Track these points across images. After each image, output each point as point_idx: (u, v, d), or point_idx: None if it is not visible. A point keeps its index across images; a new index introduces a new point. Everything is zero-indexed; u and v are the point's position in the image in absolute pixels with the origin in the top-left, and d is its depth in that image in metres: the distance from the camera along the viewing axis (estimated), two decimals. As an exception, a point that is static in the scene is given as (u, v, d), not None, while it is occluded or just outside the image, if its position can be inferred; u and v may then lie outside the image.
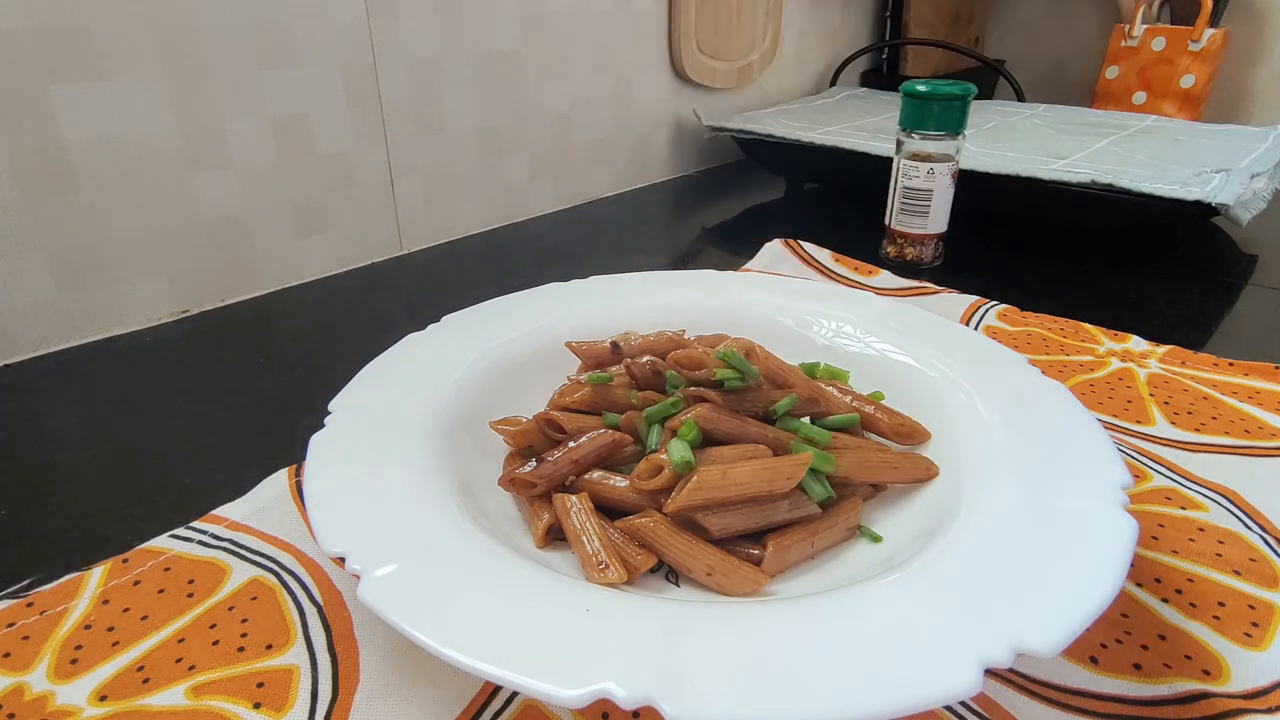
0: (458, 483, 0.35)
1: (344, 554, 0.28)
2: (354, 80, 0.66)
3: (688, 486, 0.32)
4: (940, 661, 0.24)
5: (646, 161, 0.99)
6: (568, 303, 0.50)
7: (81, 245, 0.54)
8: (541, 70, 0.81)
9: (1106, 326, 0.55)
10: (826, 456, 0.35)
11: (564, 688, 0.23)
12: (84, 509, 0.39)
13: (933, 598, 0.27)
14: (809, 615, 0.27)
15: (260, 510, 0.37)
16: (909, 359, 0.45)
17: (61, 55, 0.51)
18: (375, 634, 0.31)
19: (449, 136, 0.75)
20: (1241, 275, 0.68)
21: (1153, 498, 0.39)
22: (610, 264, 0.70)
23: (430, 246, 0.76)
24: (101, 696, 0.28)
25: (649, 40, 0.93)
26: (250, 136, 0.61)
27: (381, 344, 0.43)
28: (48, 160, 0.52)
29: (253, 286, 0.65)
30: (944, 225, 0.68)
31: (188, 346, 0.56)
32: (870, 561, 0.33)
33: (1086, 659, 0.30)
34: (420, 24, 0.69)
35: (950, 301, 0.60)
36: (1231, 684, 0.29)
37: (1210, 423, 0.45)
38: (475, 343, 0.45)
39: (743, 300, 0.51)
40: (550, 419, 0.39)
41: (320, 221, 0.67)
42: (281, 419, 0.46)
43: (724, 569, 0.31)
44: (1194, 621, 0.31)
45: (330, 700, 0.28)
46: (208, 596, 0.33)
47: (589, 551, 0.32)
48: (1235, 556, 0.35)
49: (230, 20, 0.57)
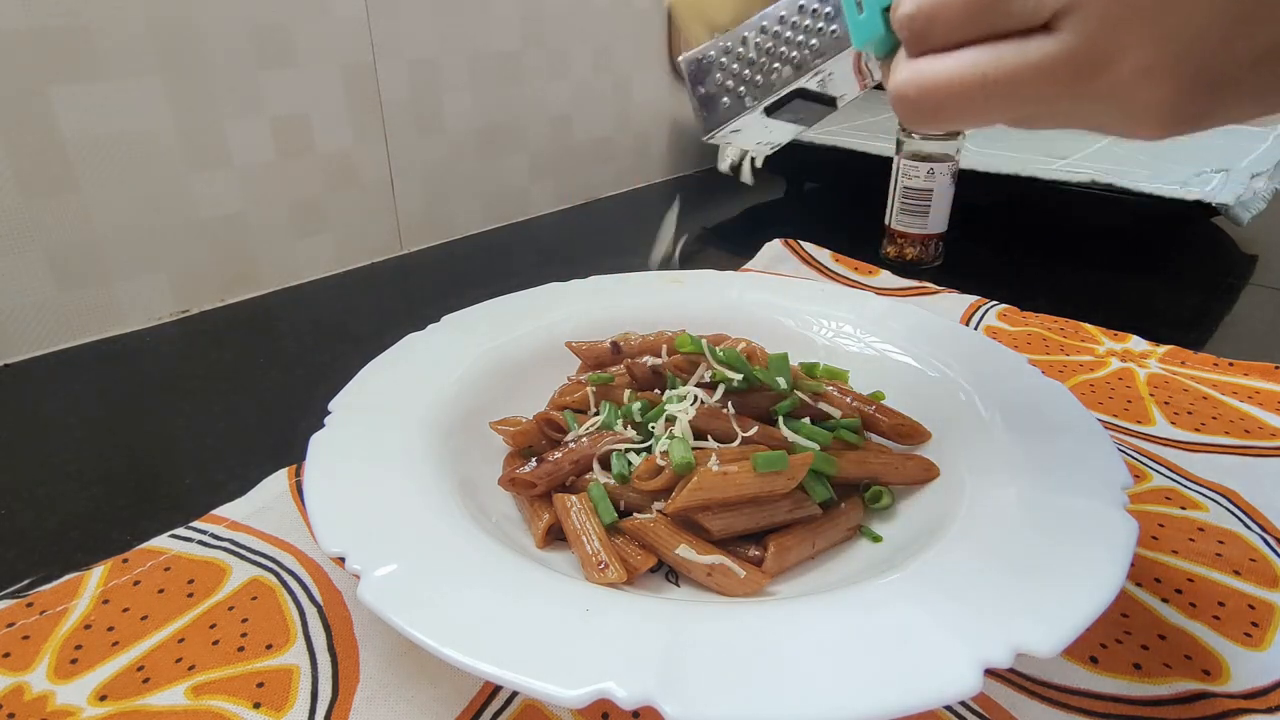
0: (458, 483, 0.35)
1: (344, 554, 0.28)
2: (354, 80, 0.66)
3: (688, 487, 0.32)
4: (940, 661, 0.24)
5: (646, 161, 0.99)
6: (568, 303, 0.50)
7: (81, 245, 0.54)
8: (541, 70, 0.81)
9: (1106, 326, 0.55)
10: (828, 457, 0.35)
11: (564, 688, 0.23)
12: (84, 509, 0.39)
13: (933, 598, 0.27)
14: (809, 615, 0.27)
15: (260, 510, 0.37)
16: (909, 359, 0.45)
17: (61, 55, 0.51)
18: (375, 634, 0.31)
19: (449, 136, 0.75)
20: (1241, 275, 0.68)
21: (1153, 498, 0.39)
22: (610, 264, 0.70)
23: (430, 246, 0.76)
24: (101, 696, 0.28)
25: (649, 40, 0.93)
26: (250, 136, 0.61)
27: (381, 344, 0.43)
28: (48, 160, 0.52)
29: (253, 286, 0.65)
30: (944, 225, 0.68)
31: (188, 346, 0.56)
32: (870, 561, 0.33)
33: (1086, 659, 0.30)
34: (420, 24, 0.69)
35: (950, 301, 0.60)
36: (1231, 684, 0.29)
37: (1210, 423, 0.45)
38: (475, 343, 0.45)
39: (743, 300, 0.51)
40: (550, 419, 0.39)
41: (320, 221, 0.67)
42: (281, 419, 0.46)
43: (724, 569, 0.31)
44: (1194, 621, 0.31)
45: (330, 700, 0.28)
46: (208, 596, 0.33)
47: (589, 551, 0.32)
48: (1235, 556, 0.35)
49: (230, 20, 0.57)
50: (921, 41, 0.25)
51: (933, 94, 0.25)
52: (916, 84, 0.25)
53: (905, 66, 0.26)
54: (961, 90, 0.24)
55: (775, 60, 0.31)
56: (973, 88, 0.24)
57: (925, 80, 0.25)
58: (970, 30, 0.24)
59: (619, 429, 0.36)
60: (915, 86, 0.25)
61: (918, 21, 0.25)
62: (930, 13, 0.24)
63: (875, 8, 0.28)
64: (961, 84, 0.24)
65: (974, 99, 0.24)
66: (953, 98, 0.24)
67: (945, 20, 0.24)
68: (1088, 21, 0.22)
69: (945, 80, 0.24)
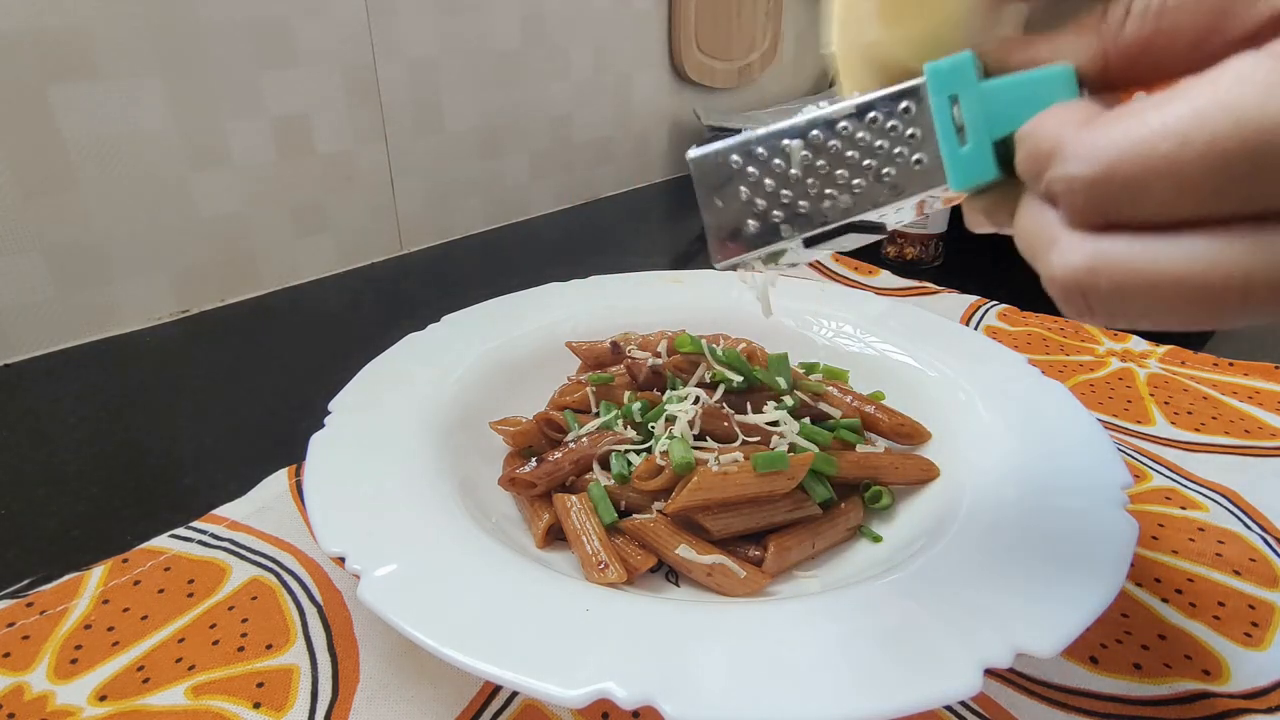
0: (458, 483, 0.35)
1: (344, 554, 0.28)
2: (354, 80, 0.66)
3: (688, 487, 0.32)
4: (940, 661, 0.24)
5: (646, 161, 0.99)
6: (568, 303, 0.50)
7: (81, 245, 0.54)
8: (541, 70, 0.81)
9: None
10: (828, 458, 0.35)
11: (564, 688, 0.23)
12: (84, 509, 0.39)
13: (933, 598, 0.27)
14: (809, 615, 0.27)
15: (260, 510, 0.37)
16: (909, 359, 0.45)
17: (61, 55, 0.51)
18: (375, 634, 0.31)
19: (449, 136, 0.75)
20: (1241, 275, 0.68)
21: (1153, 498, 0.39)
22: (610, 264, 0.70)
23: (430, 246, 0.76)
24: (101, 696, 0.28)
25: (649, 40, 0.92)
26: (250, 136, 0.61)
27: (381, 344, 0.43)
28: (48, 160, 0.52)
29: (253, 286, 0.65)
30: (944, 225, 0.68)
31: (188, 346, 0.56)
32: (870, 561, 0.33)
33: (1086, 659, 0.30)
34: (420, 24, 0.69)
35: (950, 301, 0.60)
36: (1231, 684, 0.29)
37: (1210, 423, 0.45)
38: (475, 343, 0.45)
39: (743, 300, 0.51)
40: (550, 419, 0.39)
41: (320, 221, 0.67)
42: (281, 419, 0.46)
43: (724, 569, 0.31)
44: (1194, 621, 0.31)
45: (330, 700, 0.28)
46: (208, 596, 0.33)
47: (589, 551, 0.32)
48: (1235, 556, 0.35)
49: (230, 20, 0.57)
50: (1110, 211, 0.16)
51: (1147, 294, 0.16)
52: (1114, 278, 0.16)
53: (1083, 244, 0.17)
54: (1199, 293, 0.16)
55: (829, 185, 0.23)
56: (1225, 293, 0.15)
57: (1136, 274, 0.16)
58: (1214, 205, 0.15)
59: (619, 429, 0.36)
60: (1110, 281, 0.16)
61: (1114, 186, 0.16)
62: (1142, 176, 0.15)
63: (985, 139, 0.20)
64: (1202, 285, 0.15)
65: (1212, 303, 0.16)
66: (1181, 301, 0.16)
67: (1170, 187, 0.15)
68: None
69: (1170, 278, 0.16)
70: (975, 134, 0.20)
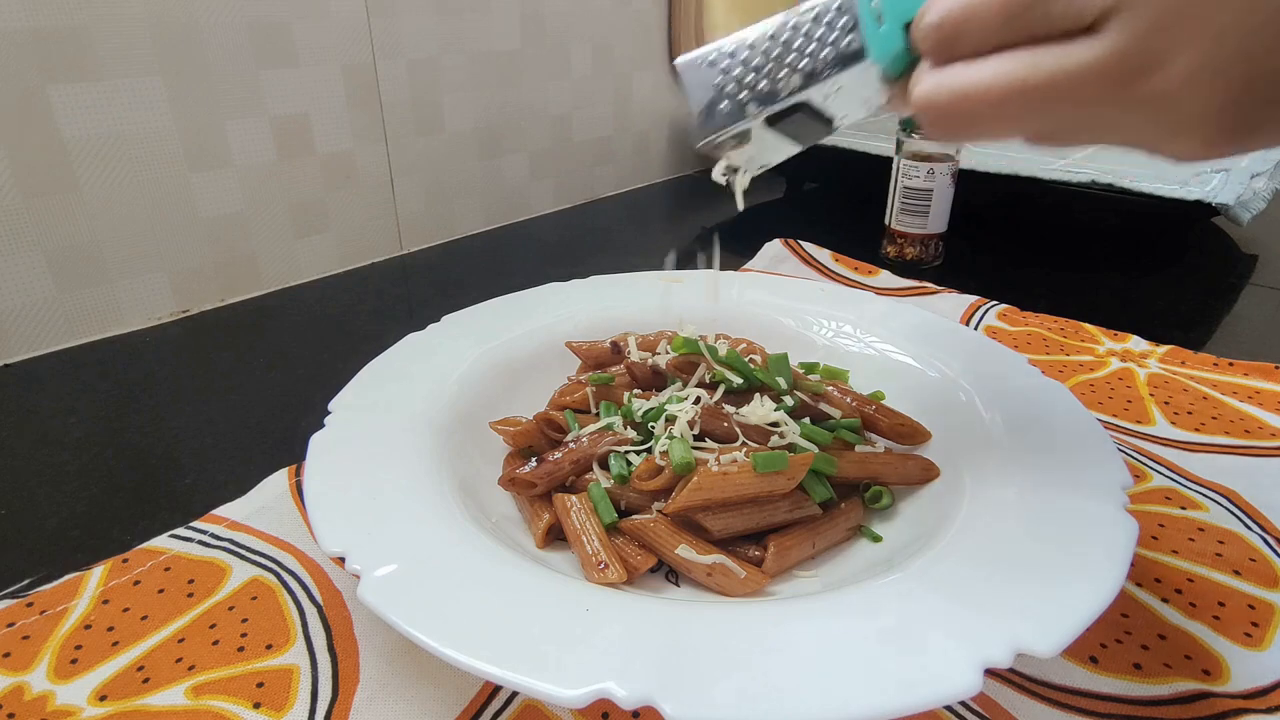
0: (458, 483, 0.35)
1: (344, 554, 0.28)
2: (354, 80, 0.66)
3: (688, 487, 0.32)
4: (940, 661, 0.24)
5: (646, 161, 0.99)
6: (568, 303, 0.50)
7: (81, 245, 0.54)
8: (541, 70, 0.81)
9: (1106, 326, 0.55)
10: (827, 458, 0.35)
11: (564, 688, 0.23)
12: (84, 509, 0.39)
13: (933, 598, 0.27)
14: (809, 615, 0.27)
15: (260, 510, 0.37)
16: (909, 359, 0.45)
17: (61, 55, 0.51)
18: (375, 634, 0.31)
19: (449, 136, 0.75)
20: (1241, 275, 0.68)
21: (1153, 498, 0.39)
22: (610, 264, 0.70)
23: (430, 246, 0.76)
24: (101, 696, 0.28)
25: (649, 40, 0.93)
26: (250, 136, 0.61)
27: (381, 344, 0.43)
28: (48, 160, 0.52)
29: (253, 286, 0.65)
30: (944, 225, 0.68)
31: (188, 346, 0.56)
32: (870, 561, 0.33)
33: (1086, 659, 0.30)
34: (420, 24, 0.69)
35: (950, 301, 0.60)
36: (1231, 684, 0.29)
37: (1210, 423, 0.45)
38: (475, 343, 0.45)
39: (743, 300, 0.51)
40: (550, 419, 0.39)
41: (320, 221, 0.67)
42: (281, 419, 0.46)
43: (724, 569, 0.31)
44: (1194, 621, 0.31)
45: (330, 700, 0.28)
46: (208, 596, 0.33)
47: (589, 551, 0.32)
48: (1235, 556, 0.35)
49: (230, 20, 0.57)
50: (950, 49, 0.24)
51: (966, 101, 0.24)
52: (948, 91, 0.24)
53: (932, 75, 0.25)
54: (998, 97, 0.23)
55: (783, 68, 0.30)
56: (1010, 94, 0.23)
57: (958, 87, 0.24)
58: (1005, 35, 0.23)
59: (619, 429, 0.36)
60: (947, 93, 0.24)
61: (946, 28, 0.24)
62: (961, 18, 0.24)
63: (896, 21, 0.27)
64: (998, 91, 0.23)
65: (1010, 106, 0.23)
66: (988, 105, 0.23)
67: (977, 26, 0.23)
68: (1137, 21, 0.21)
69: (980, 87, 0.23)
70: (890, 18, 0.27)
